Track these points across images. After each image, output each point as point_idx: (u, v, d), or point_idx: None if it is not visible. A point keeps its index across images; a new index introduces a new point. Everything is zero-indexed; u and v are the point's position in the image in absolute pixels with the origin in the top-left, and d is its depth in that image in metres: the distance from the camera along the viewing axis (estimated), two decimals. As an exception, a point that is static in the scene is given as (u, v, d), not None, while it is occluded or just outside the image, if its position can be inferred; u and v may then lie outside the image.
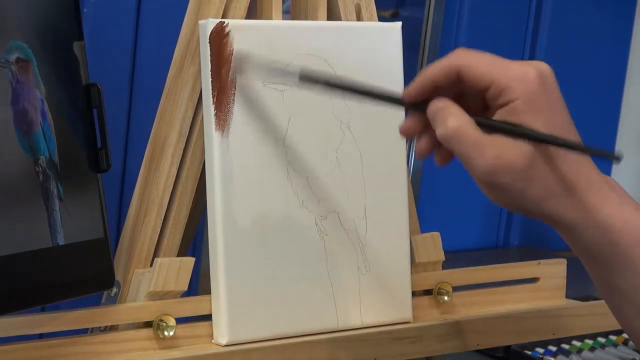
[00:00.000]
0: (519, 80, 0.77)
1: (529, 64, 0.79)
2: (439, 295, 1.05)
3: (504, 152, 0.76)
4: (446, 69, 0.79)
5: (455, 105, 0.79)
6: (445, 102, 0.79)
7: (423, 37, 1.65)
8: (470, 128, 0.77)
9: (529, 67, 0.78)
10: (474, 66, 0.78)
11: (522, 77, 0.77)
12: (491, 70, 0.78)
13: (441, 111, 0.78)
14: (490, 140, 0.77)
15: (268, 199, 0.94)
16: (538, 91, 0.78)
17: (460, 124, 0.77)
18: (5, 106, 0.81)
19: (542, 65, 0.79)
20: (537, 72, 0.78)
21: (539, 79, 0.78)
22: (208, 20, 0.92)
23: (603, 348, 1.33)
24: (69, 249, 0.85)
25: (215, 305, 0.92)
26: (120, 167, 1.34)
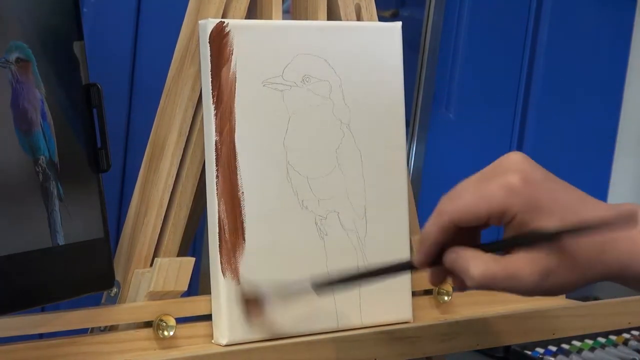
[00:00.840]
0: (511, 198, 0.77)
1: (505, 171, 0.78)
2: (439, 295, 1.05)
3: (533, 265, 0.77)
4: (442, 230, 0.79)
5: (467, 249, 0.79)
6: (458, 252, 0.79)
7: (423, 37, 1.65)
8: (493, 265, 0.78)
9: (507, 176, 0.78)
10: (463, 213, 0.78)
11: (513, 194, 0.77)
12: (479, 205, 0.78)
13: (458, 263, 0.79)
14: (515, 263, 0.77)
15: (268, 199, 0.94)
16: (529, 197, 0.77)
17: (482, 269, 0.78)
18: (5, 106, 0.81)
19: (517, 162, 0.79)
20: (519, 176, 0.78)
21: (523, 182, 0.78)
22: (208, 20, 0.92)
23: (603, 348, 1.33)
24: (69, 249, 0.85)
25: (215, 305, 0.92)
26: (120, 167, 1.34)
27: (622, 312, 1.12)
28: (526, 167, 0.79)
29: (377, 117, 1.00)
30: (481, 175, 0.80)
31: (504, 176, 0.78)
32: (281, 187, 0.95)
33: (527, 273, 0.77)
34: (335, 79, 0.98)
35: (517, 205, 0.77)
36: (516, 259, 0.78)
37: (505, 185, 0.78)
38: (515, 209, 0.77)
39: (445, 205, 0.79)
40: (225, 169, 0.92)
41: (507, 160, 0.80)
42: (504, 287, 0.78)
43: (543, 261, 0.77)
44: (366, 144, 0.99)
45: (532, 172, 0.79)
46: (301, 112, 0.96)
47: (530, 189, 0.78)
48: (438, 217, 0.80)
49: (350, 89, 0.99)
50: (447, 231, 0.80)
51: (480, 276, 0.78)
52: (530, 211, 0.77)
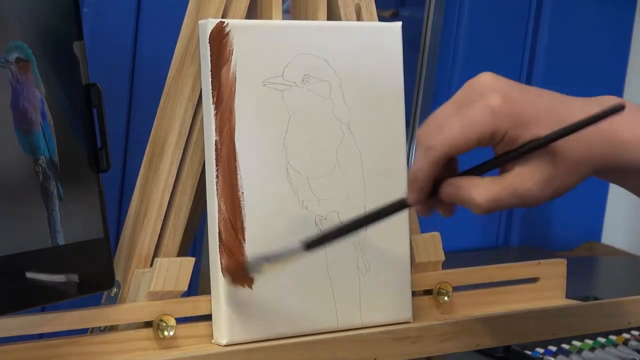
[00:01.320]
0: (493, 118, 0.78)
1: (482, 93, 0.79)
2: (439, 295, 1.05)
3: (533, 173, 0.79)
4: (435, 164, 0.80)
5: (464, 179, 0.80)
6: (455, 185, 0.80)
7: (423, 37, 1.65)
8: (495, 188, 0.79)
9: (486, 98, 0.78)
10: (453, 145, 0.79)
11: (493, 114, 0.78)
12: (468, 134, 0.78)
13: (459, 194, 0.80)
14: (515, 176, 0.79)
15: (268, 199, 0.94)
16: (512, 108, 0.78)
17: (486, 194, 0.79)
18: (5, 106, 0.81)
19: (490, 83, 0.79)
20: (498, 95, 0.78)
21: (503, 100, 0.78)
22: (208, 20, 0.92)
23: (603, 348, 1.33)
24: (69, 249, 0.85)
25: (215, 305, 0.92)
26: (120, 167, 1.34)
27: (622, 312, 1.12)
28: (500, 85, 0.79)
29: (377, 117, 1.00)
30: (457, 102, 0.80)
31: (482, 99, 0.79)
32: (281, 187, 0.95)
33: (529, 185, 0.79)
34: (335, 79, 0.98)
35: (504, 123, 0.78)
36: (514, 174, 0.79)
37: (487, 108, 0.78)
38: (504, 128, 0.78)
39: (432, 140, 0.79)
40: (225, 169, 0.92)
41: (480, 83, 0.80)
42: (510, 204, 0.79)
43: (541, 170, 0.79)
44: (366, 144, 0.99)
45: (508, 88, 0.79)
46: (301, 112, 0.96)
47: (512, 105, 0.78)
48: (428, 153, 0.79)
49: (350, 89, 0.99)
50: (439, 165, 0.80)
51: (486, 202, 0.79)
52: (518, 126, 0.78)
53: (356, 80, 0.99)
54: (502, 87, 0.79)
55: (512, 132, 0.79)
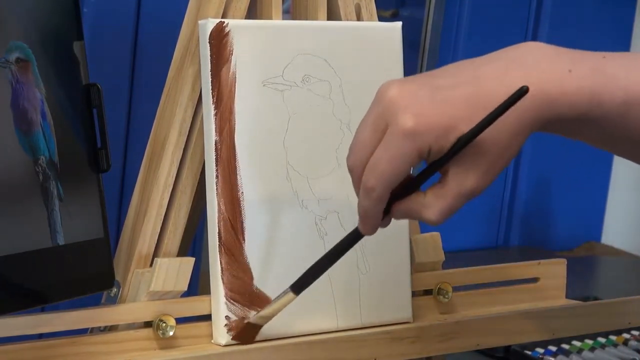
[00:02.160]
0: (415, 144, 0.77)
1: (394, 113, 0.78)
2: (439, 295, 1.05)
3: (470, 171, 0.79)
4: (381, 201, 0.81)
5: (409, 201, 0.81)
6: (403, 209, 0.82)
7: (423, 37, 1.65)
8: (440, 202, 0.80)
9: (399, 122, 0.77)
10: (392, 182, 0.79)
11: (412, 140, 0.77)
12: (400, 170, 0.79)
13: (410, 215, 0.82)
14: (454, 181, 0.79)
15: (268, 199, 0.94)
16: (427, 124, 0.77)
17: (436, 211, 0.80)
18: (5, 106, 0.81)
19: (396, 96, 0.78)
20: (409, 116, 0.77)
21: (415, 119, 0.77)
22: (208, 20, 0.92)
23: (603, 348, 1.33)
24: (69, 249, 0.85)
25: (215, 305, 0.92)
26: (120, 167, 1.34)
27: (622, 312, 1.12)
28: (408, 98, 0.78)
29: (377, 117, 1.00)
30: (373, 124, 0.79)
31: (395, 124, 0.77)
32: (281, 187, 0.95)
33: (469, 184, 0.79)
34: (335, 79, 0.98)
35: (426, 142, 0.77)
36: (452, 179, 0.79)
37: (404, 134, 0.77)
38: (427, 145, 0.78)
39: (368, 181, 0.80)
40: (225, 169, 0.92)
41: (388, 100, 0.78)
42: (461, 205, 0.80)
43: (475, 164, 0.78)
44: (366, 144, 0.99)
45: (416, 100, 0.78)
46: (301, 112, 0.96)
47: (425, 119, 0.77)
48: (369, 193, 0.80)
49: (350, 89, 0.99)
50: (384, 200, 0.81)
51: (438, 218, 0.80)
52: (439, 137, 0.77)
53: (356, 80, 0.99)
54: (411, 102, 0.78)
55: (436, 144, 0.78)
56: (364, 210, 0.82)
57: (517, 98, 0.77)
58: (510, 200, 1.88)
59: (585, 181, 1.95)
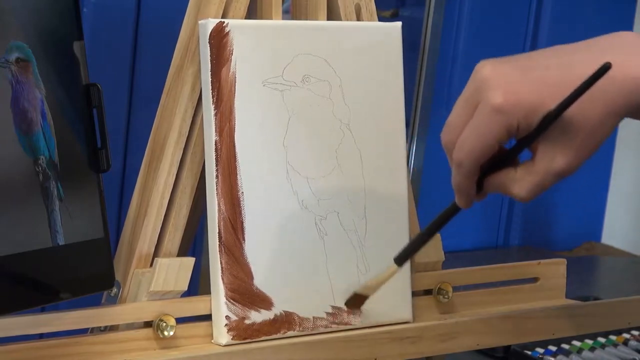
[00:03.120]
0: (504, 120, 0.79)
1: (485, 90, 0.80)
2: (439, 295, 1.05)
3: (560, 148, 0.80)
4: (471, 175, 0.83)
5: (500, 175, 0.83)
6: (494, 183, 0.83)
7: (423, 37, 1.65)
8: (530, 178, 0.81)
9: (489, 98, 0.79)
10: (479, 158, 0.81)
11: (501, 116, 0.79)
12: (488, 146, 0.80)
13: (500, 189, 0.83)
14: (544, 158, 0.80)
15: (268, 199, 0.94)
16: (516, 101, 0.79)
17: (525, 188, 0.82)
18: (5, 106, 0.81)
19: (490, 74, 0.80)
20: (500, 93, 0.79)
21: (505, 96, 0.79)
22: (208, 20, 0.92)
23: (603, 348, 1.33)
24: (69, 249, 0.85)
25: (215, 305, 0.92)
26: (120, 167, 1.34)
27: (622, 312, 1.12)
28: (500, 76, 0.80)
29: (377, 117, 1.00)
30: (466, 102, 0.82)
31: (486, 100, 0.79)
32: (281, 187, 0.95)
33: (560, 161, 0.80)
34: (335, 79, 0.98)
35: (513, 118, 0.79)
36: (542, 156, 0.81)
37: (493, 110, 0.79)
38: (515, 121, 0.79)
39: (458, 156, 0.82)
40: (225, 169, 0.92)
41: (480, 78, 0.81)
42: (551, 184, 0.82)
43: (566, 145, 0.80)
44: (366, 144, 0.99)
45: (508, 78, 0.80)
46: (301, 112, 0.96)
47: (515, 96, 0.79)
48: (460, 169, 0.82)
49: (350, 89, 0.99)
50: (474, 174, 0.83)
51: (527, 194, 0.82)
52: (528, 115, 0.79)
53: (356, 80, 0.99)
54: (502, 80, 0.80)
55: (525, 121, 0.79)
56: (456, 185, 0.84)
57: (601, 74, 0.78)
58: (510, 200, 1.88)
59: (585, 181, 1.95)
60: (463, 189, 0.84)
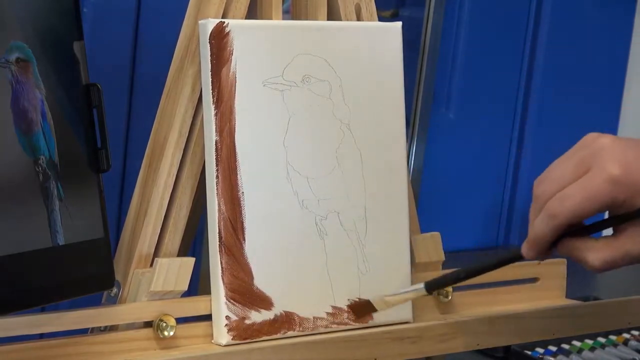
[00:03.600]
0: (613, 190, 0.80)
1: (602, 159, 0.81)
2: (439, 295, 1.05)
3: None
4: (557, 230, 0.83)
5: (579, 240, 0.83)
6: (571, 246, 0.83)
7: (423, 37, 1.65)
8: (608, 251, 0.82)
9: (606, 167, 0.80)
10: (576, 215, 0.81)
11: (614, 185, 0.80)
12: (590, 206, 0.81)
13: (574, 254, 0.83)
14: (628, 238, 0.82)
15: (268, 199, 0.94)
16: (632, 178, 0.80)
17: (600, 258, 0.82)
18: (5, 106, 0.81)
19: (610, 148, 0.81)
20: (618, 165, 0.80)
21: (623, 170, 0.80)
22: (208, 20, 0.92)
23: (603, 348, 1.33)
24: (69, 249, 0.85)
25: (215, 305, 0.92)
26: (120, 167, 1.34)
27: (622, 312, 1.12)
28: (619, 150, 0.81)
29: (377, 117, 1.00)
30: (575, 162, 0.82)
31: (602, 168, 0.80)
32: (281, 187, 0.95)
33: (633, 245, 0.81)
34: (335, 79, 0.98)
35: (623, 193, 0.80)
36: (628, 236, 0.82)
37: (608, 179, 0.80)
38: (622, 197, 0.80)
39: (555, 208, 0.82)
40: (225, 169, 0.92)
41: (599, 146, 0.82)
42: (623, 264, 0.82)
43: None
44: (366, 144, 0.99)
45: (626, 154, 0.81)
46: (301, 112, 0.96)
47: (631, 174, 0.80)
48: (551, 221, 0.82)
49: (350, 89, 0.99)
50: (561, 231, 0.83)
51: (600, 265, 0.82)
52: (636, 194, 0.80)
53: (356, 80, 0.99)
54: (620, 154, 0.81)
55: (630, 201, 0.80)
56: (537, 235, 0.84)
57: None
58: (510, 200, 1.89)
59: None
60: (541, 241, 0.84)
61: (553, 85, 1.85)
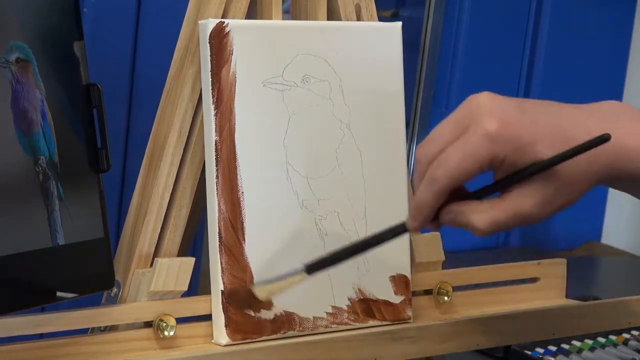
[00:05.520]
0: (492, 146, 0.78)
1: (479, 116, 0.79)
2: (439, 295, 1.05)
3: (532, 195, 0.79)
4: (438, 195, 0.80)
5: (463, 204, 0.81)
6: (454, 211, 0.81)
7: (423, 37, 1.65)
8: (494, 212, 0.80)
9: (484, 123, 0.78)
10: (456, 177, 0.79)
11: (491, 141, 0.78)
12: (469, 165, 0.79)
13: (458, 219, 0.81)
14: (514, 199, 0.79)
15: (268, 199, 0.94)
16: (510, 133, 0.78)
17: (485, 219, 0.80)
18: (5, 106, 0.81)
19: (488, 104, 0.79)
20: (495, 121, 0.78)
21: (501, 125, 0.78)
22: (208, 20, 0.92)
23: (603, 348, 1.33)
24: (69, 249, 0.85)
25: (215, 305, 0.92)
26: (120, 167, 1.34)
27: (622, 312, 1.12)
28: (497, 106, 0.79)
29: (377, 117, 1.00)
30: (455, 123, 0.80)
31: (479, 124, 0.78)
32: (281, 187, 0.95)
33: (529, 207, 0.79)
34: (335, 79, 0.98)
35: (502, 149, 0.78)
36: (514, 197, 0.79)
37: (484, 135, 0.78)
38: (502, 154, 0.78)
39: (435, 171, 0.80)
40: (225, 169, 0.92)
41: (477, 104, 0.80)
42: (510, 226, 0.80)
43: (541, 191, 0.79)
44: (366, 144, 0.99)
45: (505, 110, 0.79)
46: (301, 112, 0.96)
47: (509, 129, 0.78)
48: (432, 185, 0.80)
49: (350, 89, 0.99)
50: (443, 196, 0.80)
51: (486, 227, 0.80)
52: (516, 151, 0.78)
53: (356, 80, 0.99)
54: (498, 110, 0.79)
55: (511, 157, 0.78)
56: (419, 201, 0.81)
57: (599, 143, 0.78)
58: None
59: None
60: (424, 209, 0.81)
61: (553, 85, 1.85)
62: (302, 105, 0.96)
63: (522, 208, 0.79)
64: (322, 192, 0.97)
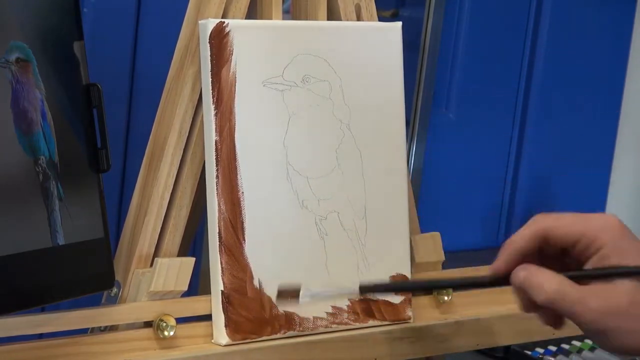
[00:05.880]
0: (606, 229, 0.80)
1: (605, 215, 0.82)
2: (439, 295, 1.05)
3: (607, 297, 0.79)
4: (533, 236, 0.82)
5: (542, 268, 0.81)
6: (531, 269, 0.81)
7: (423, 37, 1.65)
8: (567, 285, 0.80)
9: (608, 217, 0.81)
10: (560, 226, 0.81)
11: (608, 226, 0.80)
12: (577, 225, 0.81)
13: (532, 278, 0.81)
14: (589, 290, 0.79)
15: (268, 199, 0.94)
16: (621, 236, 0.80)
17: (557, 285, 0.80)
18: (5, 106, 0.81)
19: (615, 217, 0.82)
20: (617, 221, 0.81)
21: (620, 226, 0.81)
22: (208, 20, 0.92)
23: (603, 348, 1.32)
24: (69, 249, 0.85)
25: (215, 305, 0.92)
26: (120, 167, 1.34)
27: (622, 312, 1.11)
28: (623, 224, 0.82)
29: (377, 117, 1.00)
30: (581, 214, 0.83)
31: (606, 215, 0.82)
32: (281, 187, 0.95)
33: (597, 304, 0.79)
34: (335, 79, 0.98)
35: (608, 238, 0.80)
36: (590, 288, 0.80)
37: (603, 218, 0.81)
38: (605, 240, 0.80)
39: (541, 218, 0.82)
40: (225, 169, 0.92)
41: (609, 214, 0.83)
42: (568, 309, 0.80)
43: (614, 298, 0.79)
44: (366, 144, 0.99)
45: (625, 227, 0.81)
46: (301, 112, 0.96)
47: (624, 234, 0.81)
48: (531, 225, 0.82)
49: (350, 89, 0.99)
50: (535, 240, 0.82)
51: (553, 291, 0.80)
52: (616, 248, 0.80)
53: (356, 80, 0.99)
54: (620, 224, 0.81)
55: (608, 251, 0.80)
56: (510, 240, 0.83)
57: None
58: (510, 200, 1.89)
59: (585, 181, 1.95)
60: (513, 243, 0.82)
61: (553, 85, 1.85)
62: (302, 105, 0.96)
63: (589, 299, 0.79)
64: (322, 192, 0.97)
